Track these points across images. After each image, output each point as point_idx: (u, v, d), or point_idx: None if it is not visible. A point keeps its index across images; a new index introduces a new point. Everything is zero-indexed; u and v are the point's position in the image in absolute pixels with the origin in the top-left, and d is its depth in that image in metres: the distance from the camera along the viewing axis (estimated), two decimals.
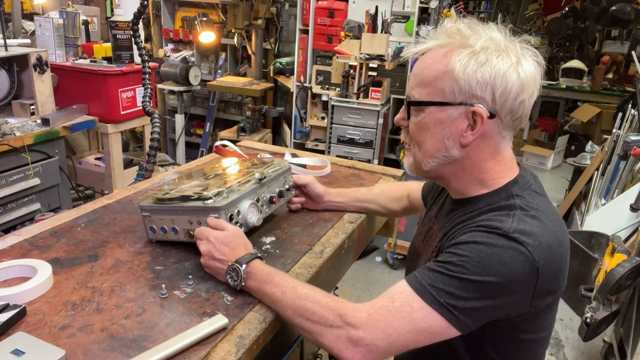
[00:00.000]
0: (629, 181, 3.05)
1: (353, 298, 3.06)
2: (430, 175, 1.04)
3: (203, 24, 4.46)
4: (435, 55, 0.95)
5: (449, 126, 0.94)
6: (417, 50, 1.00)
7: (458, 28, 0.95)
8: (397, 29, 3.68)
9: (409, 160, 1.03)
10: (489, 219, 0.91)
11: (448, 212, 1.08)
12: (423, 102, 0.96)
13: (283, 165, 1.35)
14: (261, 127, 4.48)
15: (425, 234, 1.16)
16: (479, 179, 0.99)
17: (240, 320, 0.93)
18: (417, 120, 0.98)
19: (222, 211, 1.07)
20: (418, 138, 0.99)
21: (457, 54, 0.91)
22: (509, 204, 0.93)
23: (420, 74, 0.96)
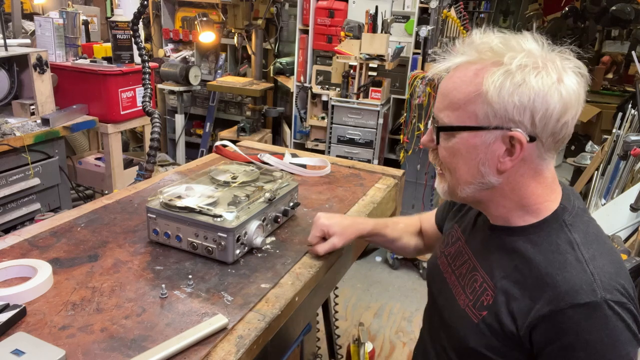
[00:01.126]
0: (629, 181, 3.05)
1: (353, 298, 3.06)
2: (467, 201, 0.98)
3: (203, 24, 4.46)
4: (464, 74, 0.86)
5: (484, 152, 0.86)
6: (443, 68, 0.90)
7: (490, 44, 0.86)
8: (397, 29, 3.68)
9: (443, 187, 0.95)
10: (564, 281, 0.82)
11: (484, 238, 0.99)
12: (454, 127, 0.87)
13: (291, 182, 1.35)
14: (261, 127, 4.48)
15: (454, 257, 1.07)
16: (521, 205, 0.91)
17: (240, 320, 0.93)
18: (448, 145, 0.89)
19: (231, 233, 1.08)
20: (450, 164, 0.91)
21: (490, 74, 0.82)
22: (568, 239, 0.87)
23: (448, 95, 0.87)
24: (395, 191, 1.70)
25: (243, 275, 1.08)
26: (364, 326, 2.14)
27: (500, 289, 0.90)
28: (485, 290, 0.93)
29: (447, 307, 1.03)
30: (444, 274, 1.08)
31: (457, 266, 1.04)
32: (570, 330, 0.80)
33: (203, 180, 1.31)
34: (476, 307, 0.94)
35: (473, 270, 0.98)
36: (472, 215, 1.08)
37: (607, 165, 3.43)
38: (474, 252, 1.01)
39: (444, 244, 1.14)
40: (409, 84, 3.34)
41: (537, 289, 0.85)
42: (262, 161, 1.66)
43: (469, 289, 0.97)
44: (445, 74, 0.90)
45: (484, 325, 0.91)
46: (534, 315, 0.83)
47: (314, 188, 1.59)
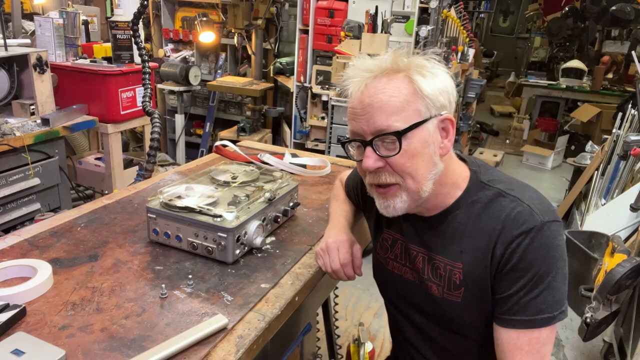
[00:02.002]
0: (629, 181, 3.05)
1: (353, 298, 3.06)
2: (421, 202, 1.00)
3: (203, 24, 4.46)
4: (387, 85, 0.94)
5: (432, 141, 0.96)
6: (359, 85, 0.97)
7: (376, 62, 0.97)
8: (397, 29, 3.68)
9: (402, 199, 0.97)
10: (510, 223, 0.95)
11: (425, 231, 1.06)
12: (412, 125, 0.93)
13: (291, 182, 1.35)
14: (261, 127, 4.48)
15: (404, 256, 1.12)
16: (454, 183, 1.02)
17: (240, 320, 0.93)
18: (409, 148, 0.94)
19: (231, 233, 1.08)
20: (411, 168, 0.95)
21: (413, 75, 0.94)
22: (494, 193, 1.00)
23: (387, 105, 0.93)
24: None
25: (243, 275, 1.08)
26: (364, 326, 2.14)
27: (465, 262, 1.00)
28: (451, 271, 1.02)
29: (422, 301, 1.09)
30: (403, 275, 1.13)
31: (411, 262, 1.10)
32: (517, 254, 0.94)
33: (203, 180, 1.30)
34: (452, 289, 1.02)
35: (430, 260, 1.06)
36: (396, 217, 1.09)
37: (607, 165, 3.43)
38: (421, 245, 1.07)
39: (381, 250, 1.18)
40: None
41: (490, 239, 0.96)
42: (262, 161, 1.66)
43: (435, 278, 1.05)
44: (359, 93, 0.96)
45: (466, 299, 1.01)
46: (493, 258, 0.96)
47: (314, 188, 1.59)
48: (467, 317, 1.02)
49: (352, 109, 0.97)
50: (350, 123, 0.98)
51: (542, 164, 5.69)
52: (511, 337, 0.95)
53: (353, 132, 0.99)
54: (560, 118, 6.36)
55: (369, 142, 0.95)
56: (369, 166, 0.96)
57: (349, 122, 0.99)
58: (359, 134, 0.97)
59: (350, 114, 0.98)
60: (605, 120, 5.52)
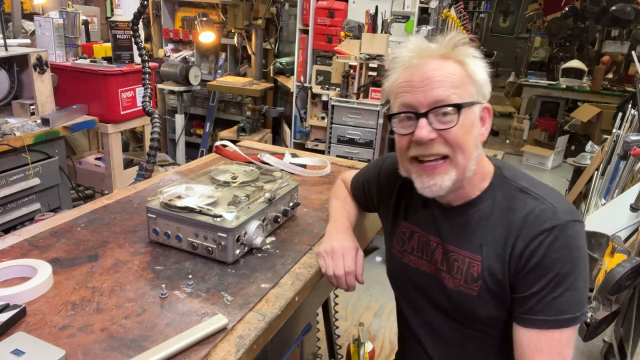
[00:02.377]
0: (629, 181, 3.05)
1: (353, 298, 3.06)
2: (458, 186, 1.01)
3: (203, 24, 4.46)
4: (446, 64, 0.98)
5: (476, 125, 0.99)
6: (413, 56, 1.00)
7: (427, 44, 1.01)
8: (397, 29, 3.67)
9: (450, 177, 0.98)
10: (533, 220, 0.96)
11: (446, 223, 1.06)
12: (468, 102, 0.97)
13: (291, 182, 1.35)
14: (261, 127, 4.48)
15: (422, 249, 1.12)
16: (482, 174, 1.04)
17: (240, 320, 0.93)
18: (464, 122, 0.96)
19: (231, 233, 1.08)
20: (463, 141, 0.97)
21: (468, 60, 0.98)
22: (517, 188, 1.02)
23: (446, 79, 0.96)
24: None
25: (243, 275, 1.08)
26: (364, 326, 2.14)
27: (484, 255, 1.00)
28: (470, 264, 1.02)
29: (438, 294, 1.09)
30: (420, 267, 1.13)
31: (429, 255, 1.10)
32: (540, 252, 0.94)
33: (203, 180, 1.30)
34: (468, 282, 1.02)
35: (447, 252, 1.06)
36: (414, 208, 1.15)
37: (607, 165, 3.43)
38: (440, 236, 1.08)
39: (397, 244, 1.18)
40: None
41: (510, 235, 0.97)
42: (262, 161, 1.66)
43: (452, 271, 1.05)
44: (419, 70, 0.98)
45: (483, 293, 1.00)
46: (513, 253, 0.97)
47: (314, 188, 1.59)
48: (482, 311, 1.02)
49: (408, 81, 0.98)
50: (402, 96, 0.99)
51: (542, 164, 5.69)
52: (532, 338, 0.95)
53: (405, 105, 0.99)
54: (560, 118, 6.36)
55: (424, 114, 0.96)
56: (423, 136, 0.96)
57: (398, 95, 1.00)
58: (412, 105, 0.98)
59: (401, 87, 0.99)
60: (605, 120, 5.52)
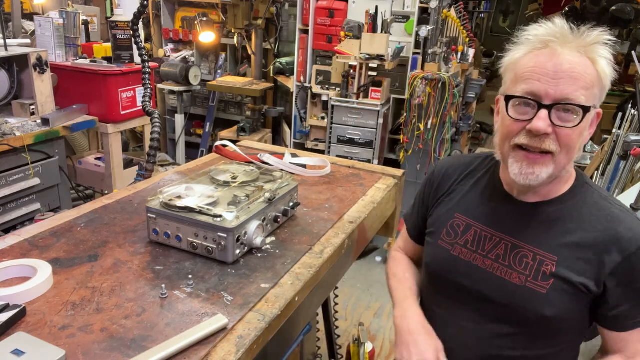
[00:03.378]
0: (629, 181, 3.05)
1: (353, 298, 3.06)
2: (546, 181, 1.02)
3: (203, 24, 4.46)
4: (580, 60, 0.96)
5: (587, 129, 1.00)
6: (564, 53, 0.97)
7: (577, 32, 0.98)
8: (397, 29, 3.68)
9: (547, 171, 0.99)
10: (626, 230, 0.99)
11: (519, 218, 1.07)
12: (593, 105, 0.97)
13: (291, 182, 1.35)
14: (261, 127, 4.48)
15: (478, 243, 1.12)
16: (568, 176, 1.06)
17: (240, 320, 0.93)
18: (581, 125, 0.96)
19: (231, 233, 1.08)
20: (574, 143, 0.98)
21: (601, 61, 0.97)
22: (600, 196, 1.05)
23: (581, 78, 0.95)
24: (396, 191, 1.70)
25: (243, 275, 1.07)
26: (364, 326, 2.14)
27: (562, 255, 1.02)
28: (542, 262, 1.03)
29: (494, 290, 1.07)
30: (472, 261, 1.11)
31: (487, 250, 1.10)
32: (636, 267, 0.98)
33: (203, 180, 1.30)
34: (539, 279, 1.02)
35: (514, 248, 1.06)
36: (475, 204, 1.15)
37: (607, 165, 3.43)
38: (508, 233, 1.08)
39: (448, 236, 1.16)
40: (409, 84, 3.34)
41: (603, 244, 0.99)
42: (262, 161, 1.66)
43: (519, 267, 1.05)
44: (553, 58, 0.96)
45: (553, 292, 1.01)
46: (609, 266, 0.98)
47: (314, 188, 1.59)
48: (548, 310, 1.02)
49: (540, 68, 0.96)
50: (529, 82, 0.97)
51: None
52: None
53: (530, 92, 0.97)
54: None
55: (548, 107, 0.95)
56: (540, 128, 0.95)
57: (524, 79, 0.98)
58: (537, 94, 0.96)
59: (531, 71, 0.97)
60: (605, 120, 5.50)
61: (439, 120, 3.30)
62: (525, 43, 1.00)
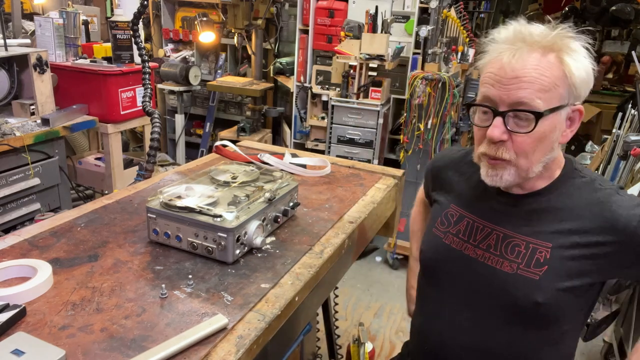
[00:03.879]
0: (629, 181, 3.04)
1: (353, 298, 3.06)
2: (526, 180, 1.04)
3: (203, 24, 4.46)
4: (540, 60, 0.94)
5: (558, 128, 0.98)
6: (509, 58, 0.95)
7: (530, 31, 0.96)
8: (397, 29, 3.68)
9: (510, 173, 0.99)
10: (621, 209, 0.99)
11: (509, 209, 1.08)
12: (553, 109, 0.94)
13: (291, 182, 1.35)
14: (261, 127, 4.48)
15: (469, 233, 1.13)
16: (554, 167, 1.06)
17: (240, 320, 0.93)
18: (540, 130, 0.95)
19: (231, 233, 1.08)
20: (530, 149, 0.97)
21: (568, 57, 0.94)
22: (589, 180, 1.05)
23: (537, 80, 0.93)
24: (396, 191, 1.70)
25: (243, 275, 1.08)
26: (364, 326, 2.14)
27: (556, 242, 1.02)
28: (535, 249, 1.03)
29: (484, 279, 1.08)
30: (464, 251, 1.13)
31: (478, 240, 1.11)
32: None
33: (203, 180, 1.30)
34: (531, 266, 1.03)
35: (506, 238, 1.07)
36: (470, 195, 1.17)
37: (607, 165, 3.43)
38: (500, 223, 1.09)
39: (441, 225, 1.19)
40: (409, 84, 3.34)
41: (600, 226, 0.99)
42: (262, 161, 1.66)
43: (510, 255, 1.06)
44: (512, 60, 0.94)
45: (547, 278, 1.01)
46: (611, 246, 0.98)
47: (314, 188, 1.59)
48: (540, 296, 1.02)
49: (495, 74, 0.96)
50: (486, 87, 0.98)
51: None
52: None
53: (486, 97, 0.98)
54: None
55: (502, 113, 0.95)
56: (494, 136, 0.95)
57: (483, 85, 0.99)
58: (493, 100, 0.97)
59: (489, 78, 0.97)
60: (605, 120, 5.52)
61: (439, 120, 3.30)
62: (489, 50, 1.00)
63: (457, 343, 1.13)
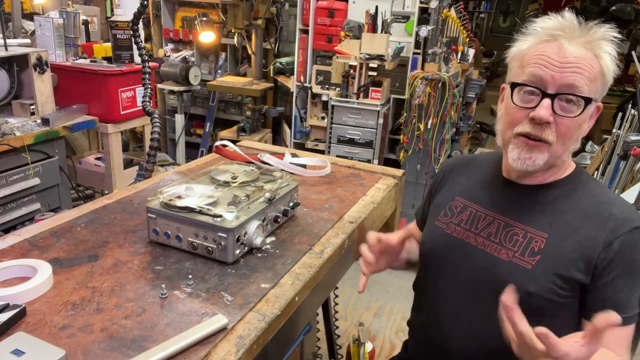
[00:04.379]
0: (629, 181, 3.05)
1: (353, 298, 3.06)
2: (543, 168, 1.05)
3: (203, 24, 4.46)
4: (589, 53, 0.99)
5: (586, 121, 1.03)
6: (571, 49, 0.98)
7: (593, 27, 1.01)
8: (397, 29, 3.68)
9: (543, 157, 1.01)
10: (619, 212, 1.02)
11: (515, 198, 1.11)
12: (595, 98, 1.00)
13: (291, 182, 1.35)
14: (261, 127, 4.48)
15: (472, 222, 1.15)
16: (566, 165, 1.10)
17: (240, 320, 0.93)
18: (581, 117, 0.99)
19: (231, 232, 1.08)
20: (570, 134, 1.01)
21: (605, 57, 1.00)
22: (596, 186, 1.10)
23: (587, 70, 0.97)
24: (396, 191, 1.70)
25: (243, 275, 1.08)
26: (364, 326, 2.14)
27: (552, 234, 1.04)
28: (531, 239, 1.05)
29: (481, 266, 1.10)
30: (465, 239, 1.15)
31: (480, 229, 1.13)
32: (633, 248, 0.99)
33: (203, 180, 1.30)
34: (525, 255, 1.04)
35: (507, 227, 1.09)
36: (475, 187, 1.20)
37: (607, 165, 3.43)
38: (502, 212, 1.11)
39: (444, 217, 1.21)
40: (409, 84, 3.34)
41: (595, 223, 1.02)
42: (262, 161, 1.66)
43: (508, 244, 1.07)
44: (560, 53, 0.98)
45: (539, 268, 1.02)
46: (601, 243, 0.99)
47: (314, 188, 1.59)
48: (531, 286, 1.02)
49: (547, 56, 0.98)
50: (535, 67, 0.99)
51: None
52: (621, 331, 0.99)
53: (537, 77, 0.99)
54: None
55: (553, 95, 0.98)
56: (542, 116, 0.97)
57: (530, 64, 1.00)
58: (542, 81, 0.98)
59: (538, 57, 1.00)
60: (605, 120, 5.51)
61: (439, 120, 3.31)
62: (533, 34, 1.03)
63: (459, 335, 1.13)
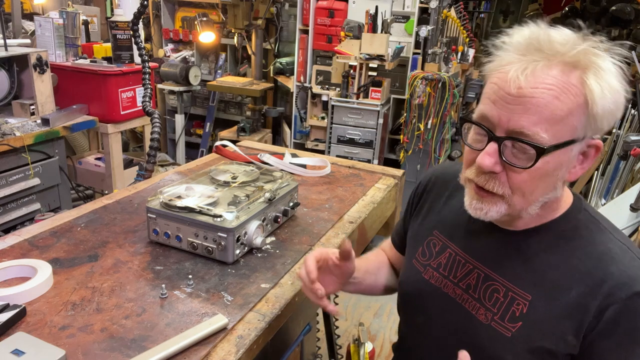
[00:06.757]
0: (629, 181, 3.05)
1: (353, 298, 3.06)
2: (519, 218, 0.86)
3: (203, 24, 4.46)
4: (563, 79, 0.74)
5: (567, 166, 0.80)
6: (518, 70, 0.75)
7: (551, 39, 0.77)
8: (397, 29, 3.68)
9: (499, 211, 0.82)
10: (619, 272, 0.79)
11: (496, 245, 0.91)
12: (560, 144, 0.76)
13: (291, 182, 1.35)
14: (261, 127, 4.48)
15: (450, 268, 0.97)
16: (556, 206, 0.87)
17: (240, 320, 0.93)
18: (539, 167, 0.76)
19: (231, 232, 1.08)
20: (528, 187, 0.79)
21: (595, 79, 0.74)
22: (598, 228, 0.86)
23: (548, 106, 0.73)
24: (395, 191, 1.70)
25: (243, 275, 1.08)
26: (364, 326, 2.14)
27: (536, 295, 0.84)
28: (513, 299, 0.86)
29: (458, 323, 0.93)
30: (443, 288, 0.97)
31: (459, 277, 0.95)
32: (630, 318, 0.77)
33: (203, 180, 1.30)
34: (506, 319, 0.86)
35: (487, 279, 0.90)
36: (456, 222, 0.99)
37: (607, 165, 3.43)
38: (483, 261, 0.92)
39: (422, 256, 1.03)
40: (409, 84, 3.34)
41: (589, 284, 0.80)
42: (262, 161, 1.66)
43: (488, 302, 0.89)
44: (522, 76, 0.75)
45: (520, 336, 0.85)
46: (592, 310, 0.79)
47: (314, 188, 1.59)
48: (509, 355, 0.86)
49: (498, 89, 0.77)
50: (486, 102, 0.79)
51: None
52: None
53: (483, 116, 0.79)
54: None
55: (498, 139, 0.77)
56: (485, 165, 0.78)
57: (484, 99, 0.80)
58: (490, 121, 0.78)
59: (492, 92, 0.78)
60: None
61: (439, 120, 3.31)
62: (501, 52, 0.80)
63: None
